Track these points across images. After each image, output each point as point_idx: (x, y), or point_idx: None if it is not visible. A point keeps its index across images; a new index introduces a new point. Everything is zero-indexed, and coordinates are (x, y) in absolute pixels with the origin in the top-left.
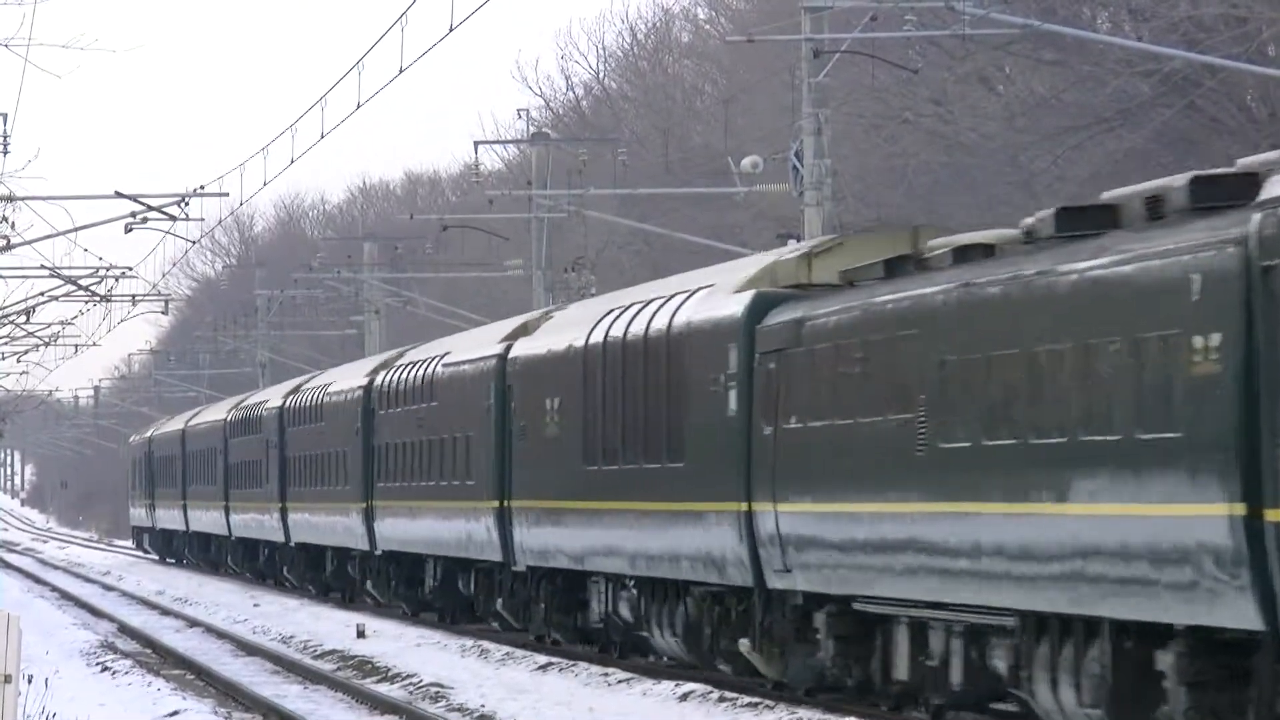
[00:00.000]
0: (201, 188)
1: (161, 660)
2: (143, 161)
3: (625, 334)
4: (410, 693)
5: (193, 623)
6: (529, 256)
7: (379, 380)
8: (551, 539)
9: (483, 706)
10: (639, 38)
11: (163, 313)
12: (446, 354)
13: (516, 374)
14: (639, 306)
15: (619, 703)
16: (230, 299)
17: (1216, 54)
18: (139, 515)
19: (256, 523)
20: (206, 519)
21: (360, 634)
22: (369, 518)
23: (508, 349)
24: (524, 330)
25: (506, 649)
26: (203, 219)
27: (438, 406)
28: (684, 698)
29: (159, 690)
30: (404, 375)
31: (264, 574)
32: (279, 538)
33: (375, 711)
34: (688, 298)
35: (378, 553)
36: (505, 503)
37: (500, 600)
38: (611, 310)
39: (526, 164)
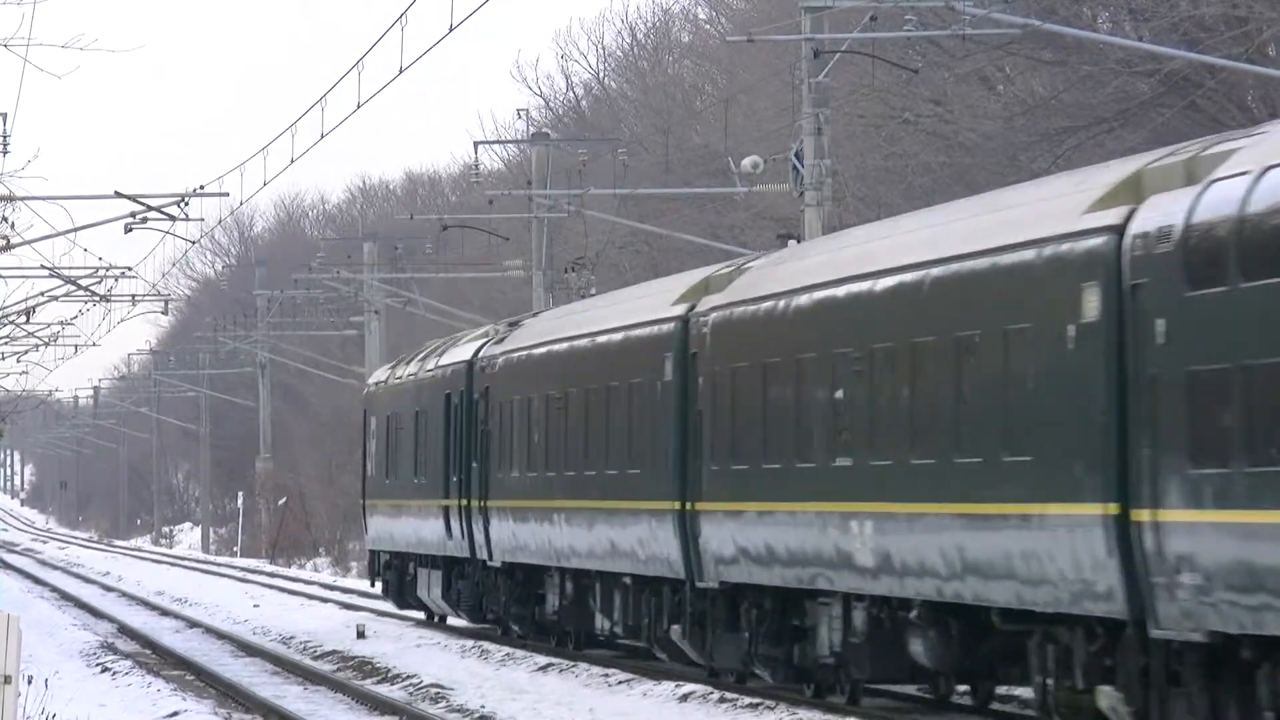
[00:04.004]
0: (201, 188)
1: (161, 661)
2: (143, 161)
3: None
4: (410, 693)
5: (193, 623)
6: (529, 256)
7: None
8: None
9: (483, 707)
10: (639, 38)
11: (162, 313)
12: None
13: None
14: None
15: (619, 703)
16: (230, 299)
17: (1216, 54)
18: (396, 532)
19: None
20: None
21: (360, 634)
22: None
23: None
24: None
25: (507, 649)
26: (202, 219)
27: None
28: (684, 698)
29: (159, 691)
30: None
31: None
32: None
33: (375, 712)
34: None
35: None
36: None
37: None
38: None
39: (526, 164)
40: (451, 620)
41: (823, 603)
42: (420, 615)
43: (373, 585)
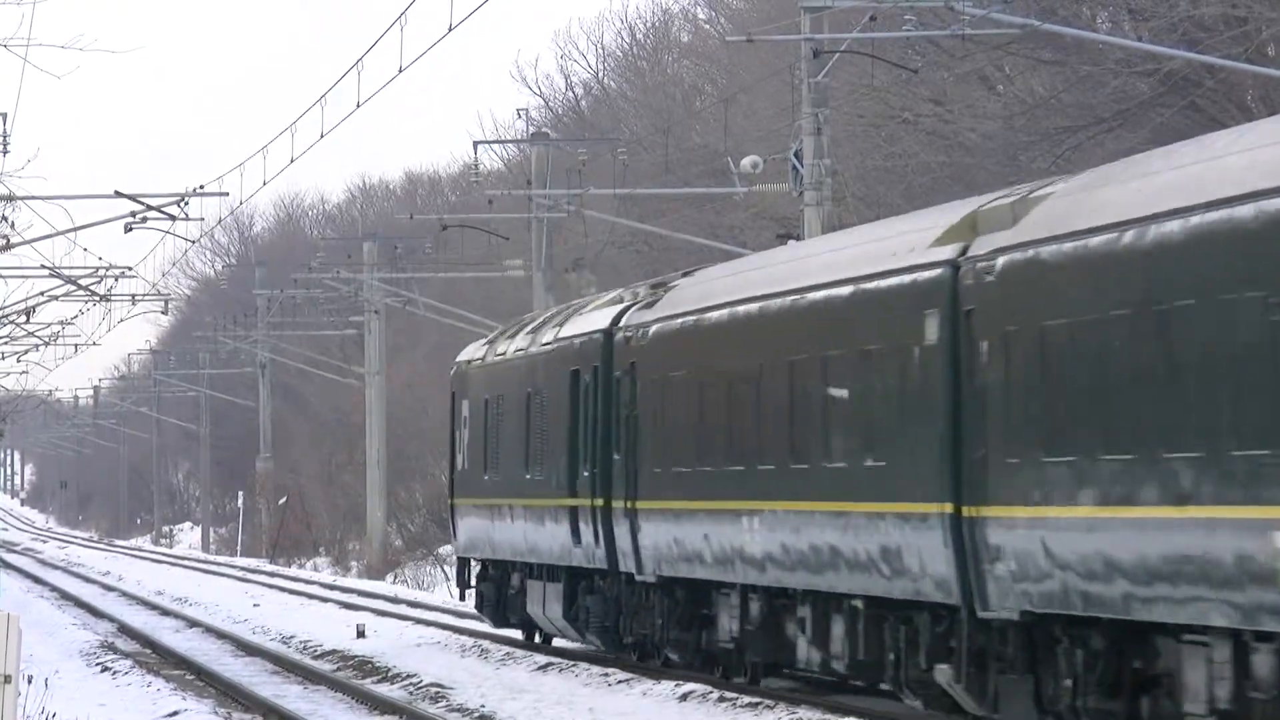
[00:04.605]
0: (201, 187)
1: (161, 660)
2: (143, 161)
3: None
4: (410, 693)
5: (193, 623)
6: (529, 256)
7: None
8: None
9: (483, 706)
10: (639, 38)
11: (162, 312)
12: None
13: None
14: None
15: (619, 703)
16: (230, 299)
17: (1216, 54)
18: (497, 537)
19: None
20: None
21: (360, 634)
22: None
23: None
24: None
25: (506, 649)
26: (202, 219)
27: None
28: (684, 698)
29: (159, 690)
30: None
31: None
32: None
33: (375, 712)
34: None
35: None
36: None
37: None
38: None
39: (526, 164)
40: (560, 642)
41: (1190, 641)
42: (517, 634)
43: (462, 599)
